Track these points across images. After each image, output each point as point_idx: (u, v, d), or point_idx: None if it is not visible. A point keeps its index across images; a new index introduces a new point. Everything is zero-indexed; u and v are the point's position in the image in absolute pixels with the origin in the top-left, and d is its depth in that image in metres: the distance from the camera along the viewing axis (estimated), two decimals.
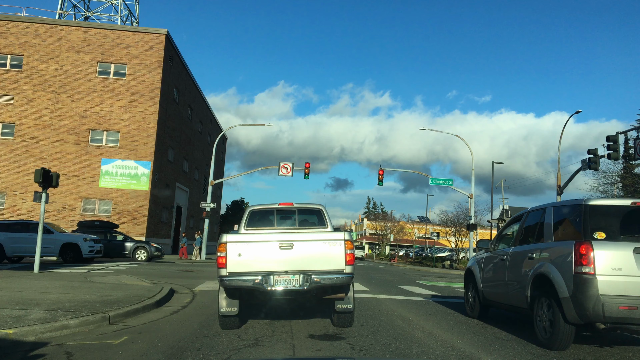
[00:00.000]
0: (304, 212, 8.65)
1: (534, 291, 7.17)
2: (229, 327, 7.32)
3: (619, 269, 6.16)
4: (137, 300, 9.36)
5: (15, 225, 23.88)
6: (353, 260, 6.95)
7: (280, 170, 35.13)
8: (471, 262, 10.46)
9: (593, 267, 6.16)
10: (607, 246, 6.26)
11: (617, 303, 6.03)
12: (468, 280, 10.22)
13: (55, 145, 34.52)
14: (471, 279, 10.00)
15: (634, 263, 6.15)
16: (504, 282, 8.40)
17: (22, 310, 7.68)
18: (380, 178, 36.37)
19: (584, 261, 6.21)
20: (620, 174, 35.51)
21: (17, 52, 35.09)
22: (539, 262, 7.15)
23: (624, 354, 6.69)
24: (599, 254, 6.19)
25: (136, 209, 34.40)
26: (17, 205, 33.95)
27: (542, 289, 6.95)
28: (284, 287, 6.77)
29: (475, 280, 9.72)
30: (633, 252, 6.19)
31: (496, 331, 7.96)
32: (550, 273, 6.71)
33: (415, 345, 6.64)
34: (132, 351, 5.90)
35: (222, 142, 55.00)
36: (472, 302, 9.83)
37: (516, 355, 6.24)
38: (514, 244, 8.52)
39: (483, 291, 9.29)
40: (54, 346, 6.05)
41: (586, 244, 6.28)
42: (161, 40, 35.84)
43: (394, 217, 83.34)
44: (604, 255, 6.20)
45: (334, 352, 6.12)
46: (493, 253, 9.25)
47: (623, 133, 24.93)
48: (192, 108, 45.72)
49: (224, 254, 6.77)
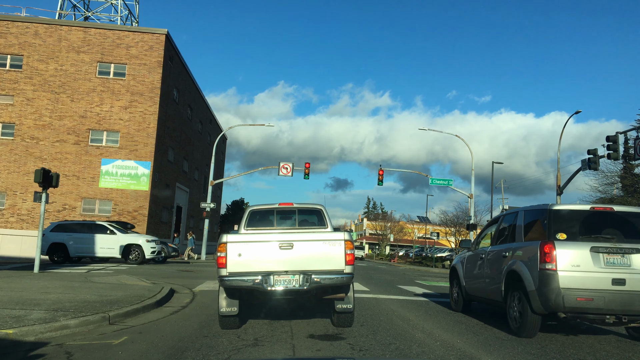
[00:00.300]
0: (304, 212, 8.65)
1: (507, 286, 8.00)
2: (229, 327, 7.32)
3: (577, 265, 6.96)
4: (137, 300, 9.37)
5: (77, 225, 23.98)
6: (353, 260, 6.95)
7: (280, 171, 35.14)
8: (455, 260, 11.21)
9: (555, 264, 6.97)
10: (568, 246, 7.06)
11: (575, 295, 6.85)
12: (452, 277, 10.95)
13: (55, 146, 34.51)
14: (455, 276, 10.70)
15: (590, 260, 6.95)
16: (483, 278, 9.20)
17: (22, 310, 7.68)
18: (380, 178, 36.38)
19: (547, 259, 7.03)
20: (620, 174, 35.51)
21: (17, 52, 35.08)
22: (511, 259, 7.99)
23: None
24: (560, 253, 6.99)
25: (136, 209, 34.39)
26: (17, 206, 33.94)
27: (514, 284, 7.77)
28: (284, 287, 6.77)
29: (458, 277, 10.46)
30: (590, 250, 6.99)
31: (496, 331, 7.97)
32: (520, 269, 7.56)
33: (415, 345, 6.64)
34: (132, 351, 5.90)
35: (222, 142, 54.99)
36: (456, 297, 10.56)
37: (516, 355, 6.24)
38: (492, 244, 9.36)
39: (465, 287, 10.03)
40: (54, 346, 6.05)
41: (549, 243, 7.09)
42: (161, 41, 35.83)
43: (393, 217, 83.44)
44: (565, 254, 7.00)
45: (334, 352, 6.12)
46: (474, 252, 10.02)
47: (623, 133, 24.93)
48: (192, 108, 45.72)
49: (224, 254, 6.77)
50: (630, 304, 6.83)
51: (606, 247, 7.05)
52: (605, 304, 6.81)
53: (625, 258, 7.01)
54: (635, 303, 6.83)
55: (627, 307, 6.84)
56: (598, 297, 6.81)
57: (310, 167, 35.90)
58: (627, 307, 6.84)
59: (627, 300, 6.82)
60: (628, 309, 6.86)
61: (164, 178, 38.23)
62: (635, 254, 7.02)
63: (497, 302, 8.54)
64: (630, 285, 6.85)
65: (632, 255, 7.01)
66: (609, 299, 6.81)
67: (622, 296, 6.83)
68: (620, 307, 6.84)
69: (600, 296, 6.81)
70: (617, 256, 7.02)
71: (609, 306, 6.82)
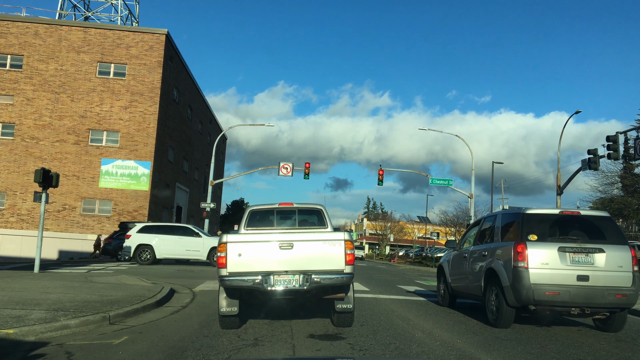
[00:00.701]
0: (304, 212, 8.65)
1: (486, 282, 8.78)
2: (229, 327, 7.32)
3: (546, 263, 7.75)
4: (137, 300, 9.37)
5: (163, 227, 24.00)
6: (353, 260, 6.96)
7: (280, 170, 35.15)
8: (442, 259, 11.93)
9: (527, 262, 7.76)
10: (538, 246, 7.84)
11: (544, 290, 7.64)
12: (439, 275, 11.65)
13: (55, 145, 34.52)
14: (442, 274, 11.42)
15: (557, 259, 7.75)
16: (466, 275, 9.94)
17: (23, 310, 7.69)
18: (380, 178, 36.38)
19: (520, 258, 7.82)
20: (620, 174, 35.51)
21: (17, 52, 35.09)
22: (490, 258, 8.79)
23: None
24: (531, 252, 7.79)
25: (136, 209, 34.40)
26: (17, 205, 33.95)
27: (492, 280, 8.56)
28: (284, 287, 6.78)
29: (445, 275, 11.16)
30: (557, 250, 7.78)
31: (496, 331, 7.97)
32: (497, 267, 8.36)
33: (415, 345, 6.65)
34: (133, 351, 5.91)
35: (222, 142, 55.00)
36: (442, 293, 11.26)
37: (516, 355, 6.25)
38: (474, 244, 10.12)
39: (451, 283, 10.73)
40: (54, 346, 6.06)
41: (522, 244, 7.87)
42: (161, 40, 35.84)
43: (393, 217, 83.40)
44: (535, 253, 7.79)
45: (334, 352, 6.13)
46: (459, 251, 10.74)
47: (623, 133, 24.91)
48: (192, 108, 45.73)
49: (224, 254, 6.77)
50: (593, 297, 7.61)
51: (572, 247, 7.84)
52: (571, 298, 7.61)
53: (589, 257, 7.81)
54: (597, 297, 7.61)
55: (590, 300, 7.63)
56: (564, 291, 7.60)
57: (310, 167, 35.91)
58: (590, 300, 7.63)
59: (590, 294, 7.61)
60: (591, 302, 7.64)
61: (164, 178, 38.23)
62: (597, 253, 7.81)
63: (478, 297, 9.26)
64: (593, 281, 7.66)
65: (595, 254, 7.81)
66: (574, 293, 7.60)
67: (586, 291, 7.62)
68: (583, 301, 7.63)
69: (566, 291, 7.60)
70: (582, 255, 7.81)
71: (574, 299, 7.62)
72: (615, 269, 7.75)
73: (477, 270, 9.25)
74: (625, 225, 40.73)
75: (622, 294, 7.63)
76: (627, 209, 32.00)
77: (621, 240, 8.09)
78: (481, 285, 8.93)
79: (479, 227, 10.25)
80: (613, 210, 33.28)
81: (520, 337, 7.46)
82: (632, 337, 7.95)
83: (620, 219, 36.87)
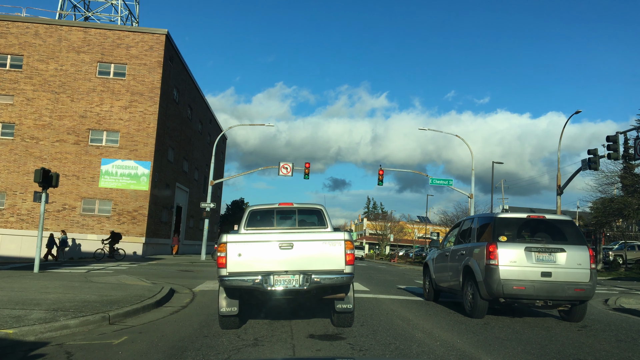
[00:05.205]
0: (303, 212, 8.65)
1: (463, 277, 9.76)
2: (229, 327, 7.32)
3: (514, 261, 8.76)
4: (137, 300, 9.36)
5: None
6: (353, 260, 6.95)
7: (280, 171, 35.12)
8: (427, 257, 12.89)
9: (497, 261, 8.77)
10: (507, 246, 8.87)
11: (512, 284, 8.64)
12: (425, 272, 12.60)
13: (55, 145, 34.49)
14: (427, 271, 12.38)
15: (524, 258, 8.78)
16: (447, 272, 10.89)
17: (22, 310, 7.68)
18: (380, 178, 36.35)
19: (491, 256, 8.83)
20: (620, 174, 35.45)
21: (17, 52, 35.06)
22: (467, 257, 9.78)
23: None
24: (501, 252, 8.81)
25: (136, 209, 34.37)
26: (17, 205, 33.92)
27: (468, 276, 9.54)
28: (284, 287, 6.77)
29: (429, 272, 12.09)
30: (524, 250, 8.82)
31: (496, 331, 7.97)
32: (473, 264, 9.37)
33: (415, 345, 6.64)
34: (132, 351, 5.90)
35: (222, 142, 54.98)
36: (428, 289, 12.22)
37: (516, 355, 6.24)
38: (455, 243, 11.12)
39: (435, 280, 11.69)
40: (54, 346, 6.05)
41: (493, 244, 8.91)
42: (161, 41, 35.81)
43: (393, 217, 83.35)
44: (505, 252, 8.81)
45: (334, 352, 6.12)
46: (442, 250, 11.71)
47: (623, 133, 24.88)
48: (192, 108, 45.70)
49: (224, 254, 6.77)
50: (555, 291, 8.63)
51: (537, 247, 8.86)
52: (535, 291, 8.62)
53: (552, 256, 8.83)
54: (558, 291, 8.62)
55: (552, 294, 8.64)
56: (529, 286, 8.62)
57: (310, 167, 35.88)
58: (552, 294, 8.64)
59: (552, 288, 8.62)
60: (553, 295, 8.66)
61: (164, 178, 38.21)
62: (559, 253, 8.84)
63: (457, 290, 10.23)
64: (555, 277, 8.69)
65: (557, 254, 8.84)
66: (538, 287, 8.62)
67: (549, 285, 8.63)
68: (546, 294, 8.65)
69: (531, 285, 8.62)
70: (546, 254, 8.83)
71: (538, 293, 8.63)
72: (574, 267, 8.77)
73: (457, 267, 10.21)
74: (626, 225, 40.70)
75: (581, 288, 8.65)
76: (627, 209, 31.87)
77: (581, 241, 9.09)
78: (460, 281, 9.90)
79: (459, 228, 11.22)
80: (613, 210, 33.21)
81: (521, 337, 7.46)
82: (632, 337, 7.94)
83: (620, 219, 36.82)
